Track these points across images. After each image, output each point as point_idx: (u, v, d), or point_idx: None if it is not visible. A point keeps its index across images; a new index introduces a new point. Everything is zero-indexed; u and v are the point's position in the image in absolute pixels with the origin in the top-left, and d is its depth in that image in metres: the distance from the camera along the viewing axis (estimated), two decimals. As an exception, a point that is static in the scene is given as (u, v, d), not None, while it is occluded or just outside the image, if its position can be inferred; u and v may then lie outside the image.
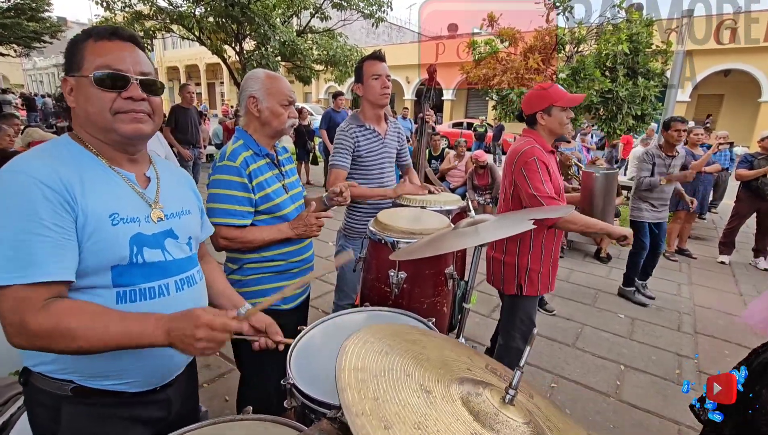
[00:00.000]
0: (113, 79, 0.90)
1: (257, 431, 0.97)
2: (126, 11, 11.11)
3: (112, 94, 0.90)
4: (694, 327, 3.60)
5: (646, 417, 2.47)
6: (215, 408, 2.35)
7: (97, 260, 0.89)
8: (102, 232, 0.89)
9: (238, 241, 1.54)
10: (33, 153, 0.90)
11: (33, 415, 1.00)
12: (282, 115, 1.57)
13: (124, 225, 0.92)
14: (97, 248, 0.88)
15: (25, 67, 40.14)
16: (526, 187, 1.99)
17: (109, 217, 0.90)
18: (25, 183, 0.81)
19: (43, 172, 0.83)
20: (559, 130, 2.07)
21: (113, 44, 0.92)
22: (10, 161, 0.86)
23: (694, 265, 5.15)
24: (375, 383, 0.57)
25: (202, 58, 29.97)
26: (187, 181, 1.20)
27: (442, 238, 1.38)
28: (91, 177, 0.91)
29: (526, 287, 2.16)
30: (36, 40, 16.06)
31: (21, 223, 0.79)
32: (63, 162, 0.88)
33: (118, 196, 0.94)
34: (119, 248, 0.91)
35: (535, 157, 1.98)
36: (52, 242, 0.82)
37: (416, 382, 0.60)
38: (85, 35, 0.93)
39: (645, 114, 6.43)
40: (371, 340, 0.70)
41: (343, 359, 0.62)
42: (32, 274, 0.79)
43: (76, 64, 0.91)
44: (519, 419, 0.58)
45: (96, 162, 0.94)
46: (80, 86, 0.91)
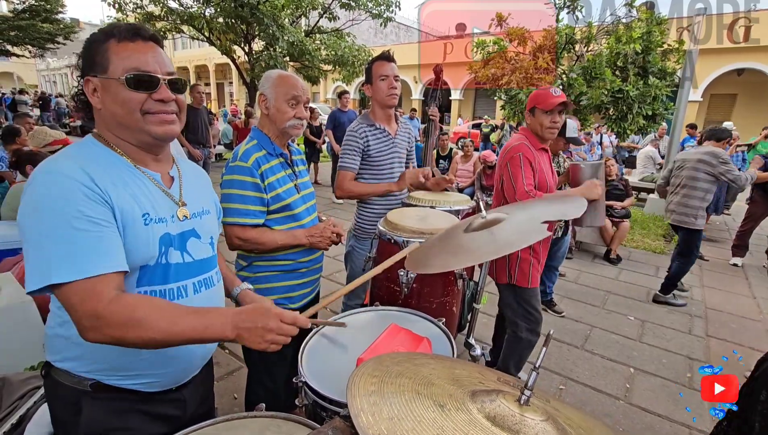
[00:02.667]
0: (144, 81, 0.91)
1: (270, 428, 0.98)
2: (137, 12, 11.26)
3: (142, 96, 0.91)
4: (705, 330, 3.54)
5: (657, 421, 2.44)
6: (224, 405, 2.38)
7: (129, 260, 0.89)
8: (135, 232, 0.90)
9: (253, 242, 1.56)
10: (62, 155, 0.91)
11: (53, 407, 1.02)
12: (286, 113, 1.58)
13: (156, 225, 0.94)
14: (129, 247, 0.89)
15: (39, 67, 40.80)
16: (508, 182, 2.11)
17: (142, 216, 0.91)
18: (63, 183, 0.82)
19: (77, 172, 0.84)
20: (539, 131, 2.15)
21: (137, 45, 0.92)
22: (42, 164, 0.86)
23: (706, 267, 5.07)
24: (388, 405, 0.58)
25: (211, 59, 30.20)
26: (206, 180, 1.21)
27: (460, 248, 1.36)
28: (120, 177, 0.91)
29: (516, 276, 2.22)
30: (50, 42, 16.33)
31: (71, 222, 0.80)
32: (92, 162, 0.89)
33: (147, 196, 0.95)
34: (151, 248, 0.92)
35: (520, 153, 2.08)
36: (103, 235, 0.83)
37: (429, 399, 0.60)
38: (106, 35, 0.92)
39: (656, 114, 6.34)
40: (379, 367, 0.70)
41: (353, 387, 0.62)
42: (93, 268, 0.80)
43: (100, 65, 0.91)
44: (537, 418, 0.58)
45: (122, 162, 0.95)
46: (108, 88, 0.91)
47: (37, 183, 0.83)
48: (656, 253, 5.46)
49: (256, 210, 1.54)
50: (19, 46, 16.34)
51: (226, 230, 1.54)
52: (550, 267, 3.53)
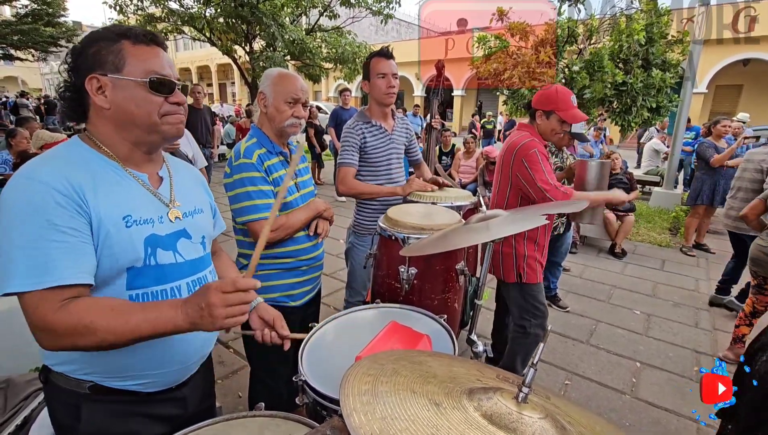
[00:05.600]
0: (164, 85, 0.94)
1: (269, 427, 0.97)
2: (138, 14, 11.29)
3: (160, 99, 0.94)
4: (712, 324, 3.51)
5: (664, 415, 2.42)
6: (228, 404, 2.38)
7: (112, 263, 0.89)
8: (116, 235, 0.89)
9: (284, 228, 1.56)
10: (42, 158, 0.90)
11: (53, 411, 1.02)
12: (284, 112, 1.57)
13: (138, 226, 0.93)
14: (111, 251, 0.89)
15: (42, 71, 41.08)
16: (531, 180, 2.00)
17: (123, 219, 0.91)
18: (36, 190, 0.82)
19: (53, 177, 0.84)
20: (549, 135, 2.10)
21: (152, 50, 0.95)
22: (22, 167, 0.86)
23: (713, 260, 5.02)
24: (381, 404, 0.56)
25: (213, 59, 30.29)
26: (198, 179, 1.20)
27: (452, 234, 1.36)
28: (102, 180, 0.91)
29: (526, 275, 2.20)
30: (53, 45, 16.42)
31: (36, 231, 0.80)
32: (73, 165, 0.89)
33: (130, 198, 0.94)
34: (133, 250, 0.92)
35: (535, 149, 2.00)
36: (68, 247, 0.83)
37: (424, 397, 0.59)
38: (118, 35, 0.92)
39: (661, 106, 6.26)
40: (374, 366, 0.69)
41: (346, 386, 0.60)
42: (49, 280, 0.80)
43: (113, 65, 0.90)
44: (535, 415, 0.56)
45: (108, 163, 0.94)
46: (123, 87, 0.91)
47: (13, 187, 0.83)
48: (662, 246, 5.42)
49: (272, 202, 1.54)
50: (22, 50, 16.45)
51: (252, 228, 1.53)
52: (553, 262, 3.51)
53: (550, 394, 0.72)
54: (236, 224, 1.63)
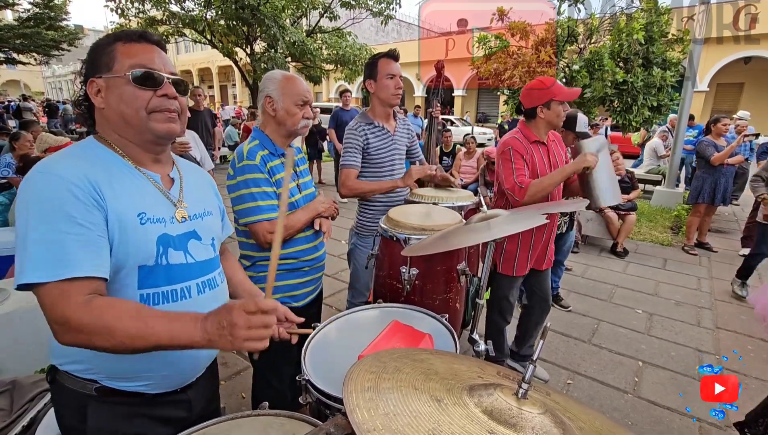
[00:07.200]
0: (149, 78, 0.92)
1: (273, 426, 0.98)
2: (140, 17, 11.34)
3: (148, 93, 0.92)
4: (714, 322, 3.51)
5: (666, 414, 2.42)
6: (232, 405, 2.39)
7: (125, 259, 0.90)
8: (130, 231, 0.90)
9: (285, 229, 1.57)
10: (61, 154, 0.92)
11: (59, 412, 1.02)
12: (296, 115, 1.60)
13: (152, 225, 0.94)
14: (125, 248, 0.89)
15: (45, 74, 41.28)
16: (501, 178, 2.11)
17: (138, 216, 0.92)
18: (54, 183, 0.83)
19: (71, 172, 0.85)
20: (556, 122, 2.16)
21: (142, 46, 0.95)
22: (39, 163, 0.87)
23: (715, 258, 5.01)
24: (384, 401, 0.57)
25: (214, 61, 30.39)
26: (208, 182, 1.21)
27: (453, 234, 1.38)
28: (118, 177, 0.92)
29: (501, 265, 2.30)
30: (55, 48, 16.48)
31: (54, 223, 0.81)
32: (90, 163, 0.90)
33: (144, 196, 0.95)
34: (147, 247, 0.92)
35: (509, 147, 2.08)
36: (86, 239, 0.83)
37: (426, 393, 0.60)
38: (112, 38, 0.94)
39: (661, 104, 6.27)
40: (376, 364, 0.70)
41: (349, 384, 0.61)
42: (66, 271, 0.80)
43: (106, 66, 0.92)
44: (535, 411, 0.57)
45: (122, 163, 0.96)
46: (113, 86, 0.92)
47: (31, 182, 0.84)
48: (664, 245, 5.41)
49: (276, 203, 1.56)
50: (24, 54, 16.53)
51: (255, 229, 1.55)
52: (555, 261, 3.51)
53: (550, 391, 0.73)
54: (238, 226, 1.65)
